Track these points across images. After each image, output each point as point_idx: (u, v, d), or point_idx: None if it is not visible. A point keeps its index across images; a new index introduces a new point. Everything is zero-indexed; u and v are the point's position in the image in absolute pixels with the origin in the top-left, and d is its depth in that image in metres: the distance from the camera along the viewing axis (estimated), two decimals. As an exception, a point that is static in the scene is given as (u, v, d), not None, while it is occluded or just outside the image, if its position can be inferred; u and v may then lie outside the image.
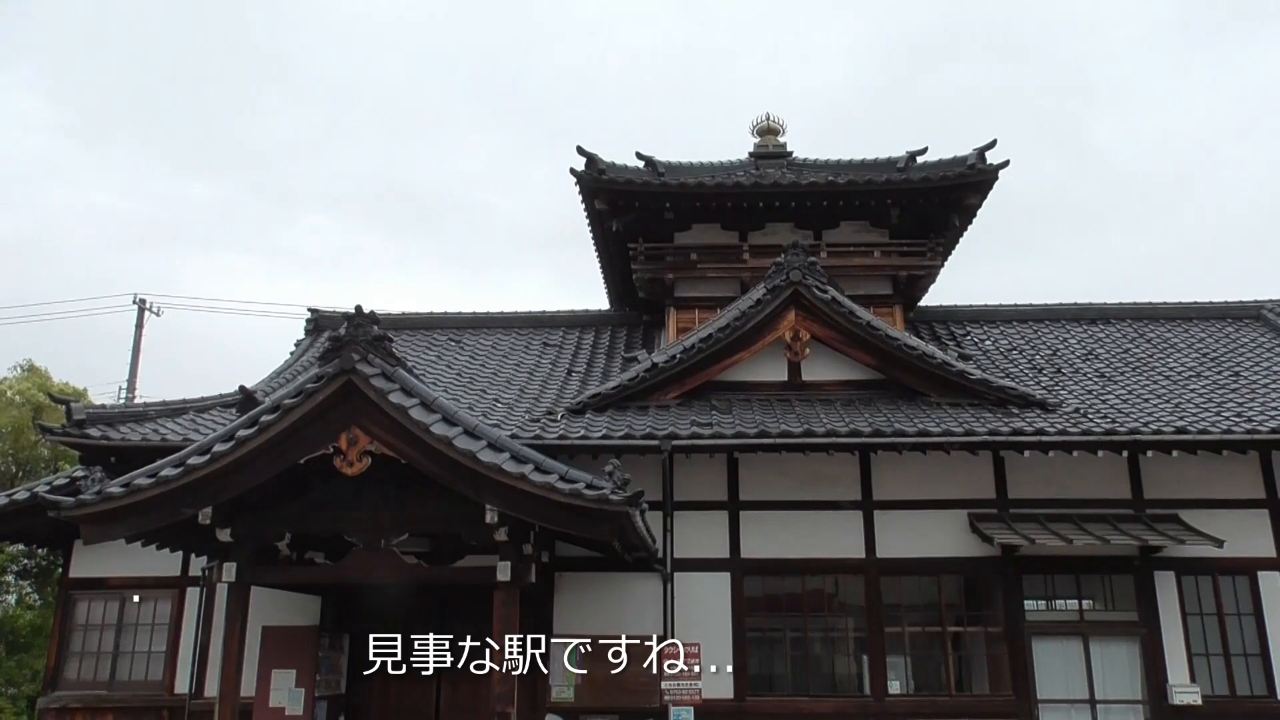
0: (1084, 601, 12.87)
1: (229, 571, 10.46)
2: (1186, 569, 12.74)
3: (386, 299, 55.42)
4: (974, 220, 16.73)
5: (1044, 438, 12.21)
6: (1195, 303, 18.19)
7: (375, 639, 13.03)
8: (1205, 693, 12.27)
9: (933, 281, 17.13)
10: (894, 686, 12.59)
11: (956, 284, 54.42)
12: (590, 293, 58.60)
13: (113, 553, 13.01)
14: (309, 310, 18.42)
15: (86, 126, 64.98)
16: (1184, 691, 12.21)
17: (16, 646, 20.76)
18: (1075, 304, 18.34)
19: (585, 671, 12.64)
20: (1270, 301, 17.97)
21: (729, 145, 17.61)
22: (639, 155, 16.66)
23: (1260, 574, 12.77)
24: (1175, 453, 12.37)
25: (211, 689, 11.95)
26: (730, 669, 12.52)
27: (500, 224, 67.76)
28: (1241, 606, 12.72)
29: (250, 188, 67.47)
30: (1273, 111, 57.95)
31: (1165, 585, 12.71)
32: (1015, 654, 12.52)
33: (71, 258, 58.81)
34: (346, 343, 10.05)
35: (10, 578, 23.60)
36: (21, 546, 20.52)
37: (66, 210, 59.98)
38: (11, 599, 24.21)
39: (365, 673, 12.91)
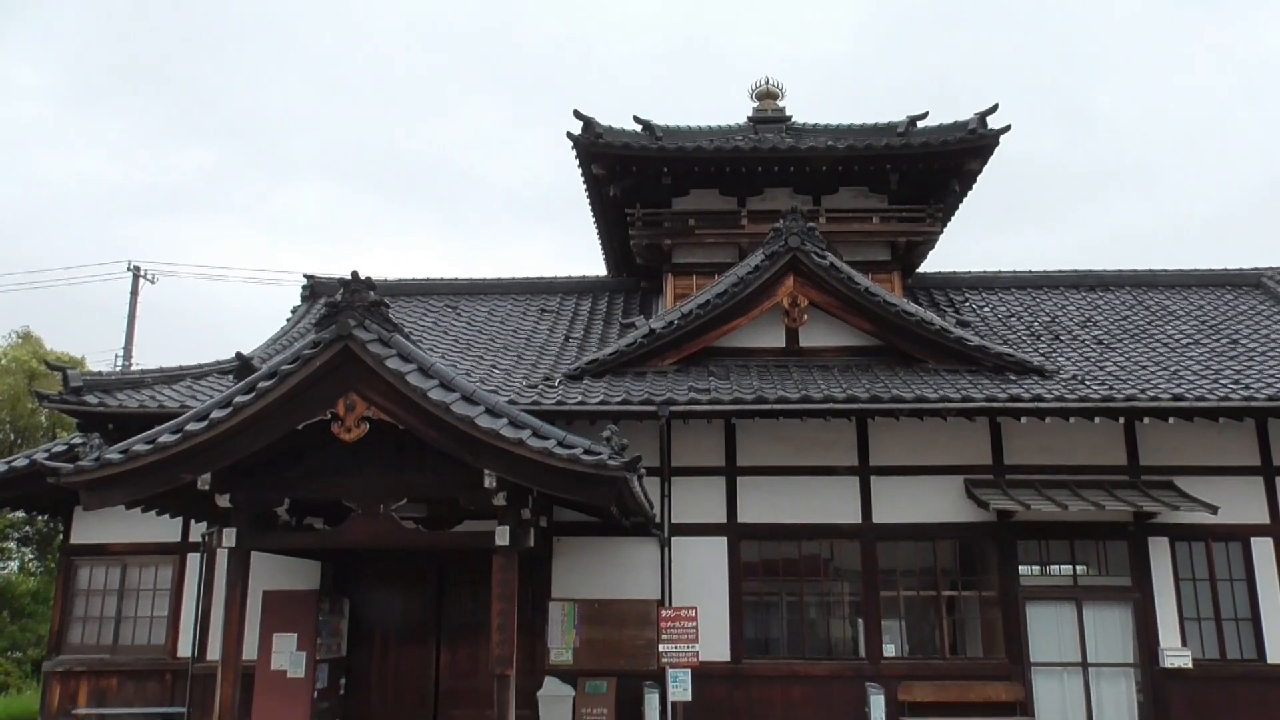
0: (1078, 567, 12.97)
1: (229, 537, 10.51)
2: (1180, 535, 12.84)
3: (383, 265, 55.31)
4: (974, 186, 16.66)
5: (1041, 404, 12.24)
6: (1195, 270, 18.16)
7: (375, 603, 13.27)
8: (1196, 656, 12.42)
9: (932, 248, 17.08)
10: (889, 650, 12.73)
11: (955, 251, 54.37)
12: (588, 259, 58.55)
13: (113, 519, 13.10)
14: (305, 277, 18.36)
15: (75, 92, 64.48)
16: (1175, 655, 12.35)
17: (20, 612, 20.97)
18: (1074, 271, 18.31)
19: (583, 635, 12.77)
20: (1271, 269, 17.94)
21: (728, 113, 17.52)
22: (637, 120, 16.53)
23: (1253, 540, 12.86)
24: (1172, 420, 12.42)
25: (214, 653, 12.07)
26: (727, 633, 12.67)
27: (498, 191, 67.44)
28: (1234, 572, 12.84)
29: (244, 155, 67.08)
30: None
31: (1159, 551, 12.81)
32: (1009, 618, 12.65)
33: (63, 225, 58.65)
34: (343, 308, 10.02)
35: (11, 544, 23.78)
36: (22, 513, 20.65)
37: (57, 177, 59.67)
38: (13, 565, 24.41)
39: (365, 636, 13.12)
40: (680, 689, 11.14)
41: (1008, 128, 15.60)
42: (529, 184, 65.66)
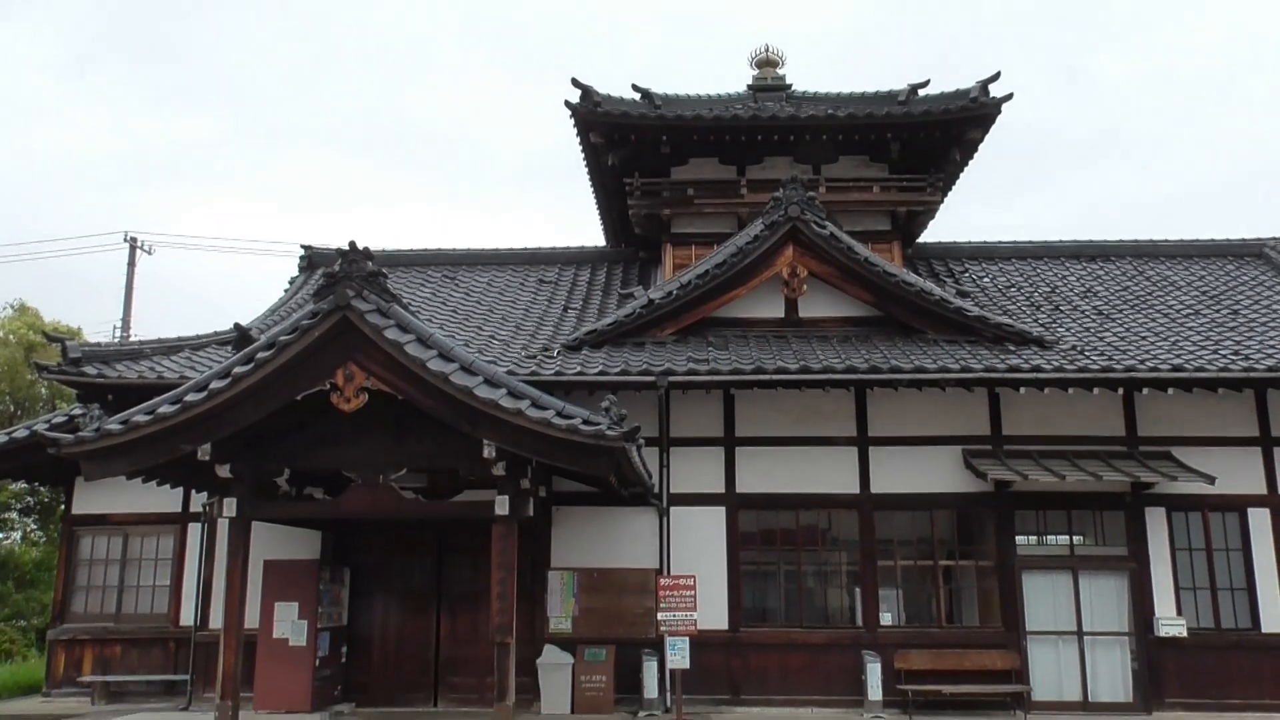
0: (1075, 537, 13.03)
1: (229, 507, 10.56)
2: (1177, 505, 12.89)
3: (380, 236, 55.14)
4: (975, 155, 16.54)
5: (1040, 375, 12.24)
6: (1196, 240, 18.09)
7: (375, 572, 13.35)
8: (1191, 625, 12.51)
9: (932, 217, 17.00)
10: (886, 618, 12.83)
11: (955, 222, 54.18)
12: (586, 230, 58.31)
13: (114, 489, 13.14)
14: (302, 247, 18.31)
15: (67, 62, 63.87)
16: (1170, 624, 12.45)
17: (23, 581, 21.11)
18: (1075, 241, 18.24)
19: (583, 603, 12.87)
20: (1273, 239, 17.86)
21: (727, 82, 17.32)
22: (635, 88, 16.39)
23: (1250, 510, 12.92)
24: (1171, 391, 12.43)
25: (216, 621, 12.15)
26: (725, 601, 12.76)
27: (495, 162, 67.07)
28: (1230, 542, 12.90)
29: (241, 123, 66.60)
30: (1284, 45, 56.95)
31: (1156, 521, 12.87)
32: (1005, 587, 12.73)
33: (57, 196, 58.33)
34: (341, 279, 10.00)
35: (14, 515, 23.90)
36: (23, 484, 20.74)
37: (49, 148, 59.28)
38: (16, 536, 24.54)
39: (366, 605, 13.22)
40: (679, 656, 11.24)
41: (1009, 96, 15.47)
42: (529, 153, 65.35)
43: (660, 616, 11.46)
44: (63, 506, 15.07)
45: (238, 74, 65.70)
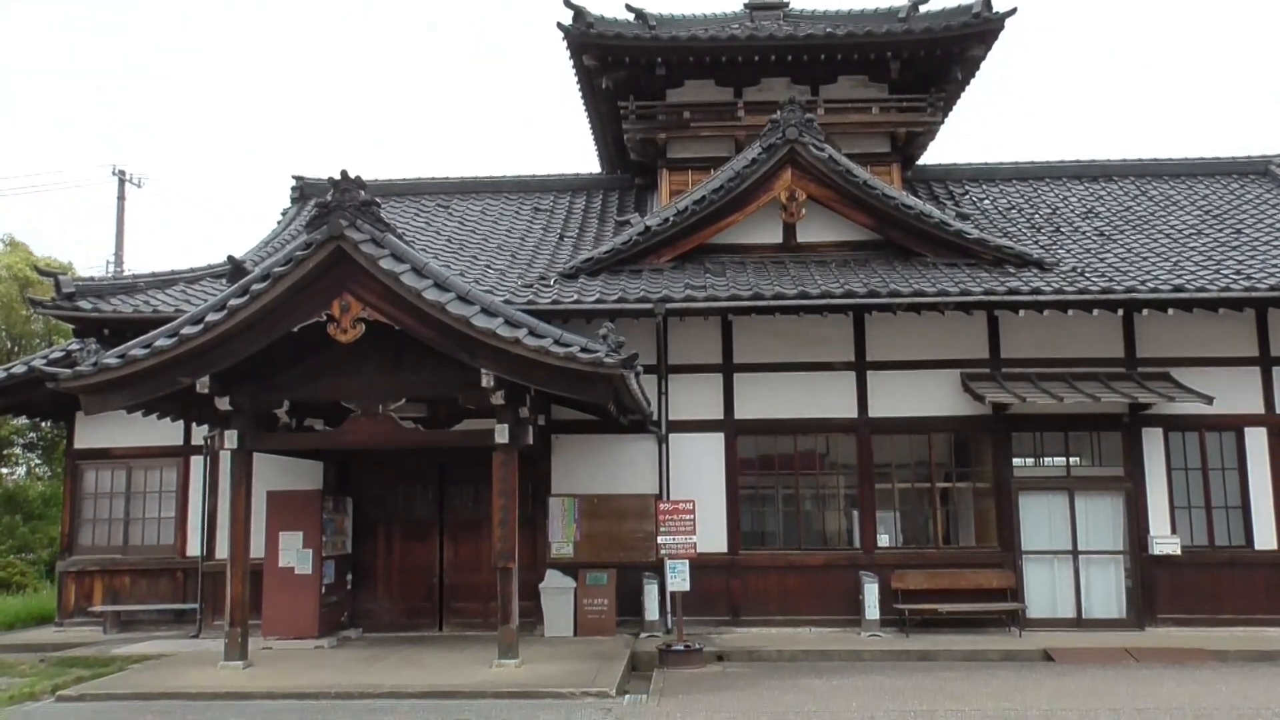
0: (1072, 458, 13.12)
1: (230, 439, 10.62)
2: (1175, 426, 12.95)
3: (372, 166, 54.43)
4: (977, 73, 16.21)
5: (1039, 297, 12.18)
6: (1200, 158, 17.85)
7: (378, 501, 13.49)
8: (1185, 543, 12.68)
9: (932, 139, 16.74)
10: (883, 540, 13.00)
11: (954, 140, 53.46)
12: (581, 157, 57.48)
13: (116, 424, 13.20)
14: (294, 178, 18.05)
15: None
16: (1164, 542, 12.61)
17: (30, 515, 21.34)
18: (1077, 161, 17.99)
19: (584, 529, 13.03)
20: (1279, 156, 17.62)
21: (723, 1, 16.75)
22: (629, 8, 16.01)
23: (1247, 430, 12.98)
24: (1171, 311, 12.38)
25: (222, 552, 12.30)
26: (724, 525, 12.92)
27: (489, 86, 65.88)
28: (1226, 461, 12.99)
29: (228, 43, 65.20)
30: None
31: (1152, 441, 12.95)
32: (1002, 508, 12.87)
33: (30, 116, 57.11)
34: (334, 208, 9.89)
35: (17, 450, 24.07)
36: (25, 420, 20.82)
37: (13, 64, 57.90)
38: (21, 471, 24.76)
39: (369, 533, 13.38)
40: (679, 579, 11.40)
41: (1013, 11, 15.10)
42: (520, 78, 64.15)
43: (660, 540, 11.60)
44: (65, 442, 15.14)
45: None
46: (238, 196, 57.41)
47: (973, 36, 15.34)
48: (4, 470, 24.18)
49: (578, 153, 59.69)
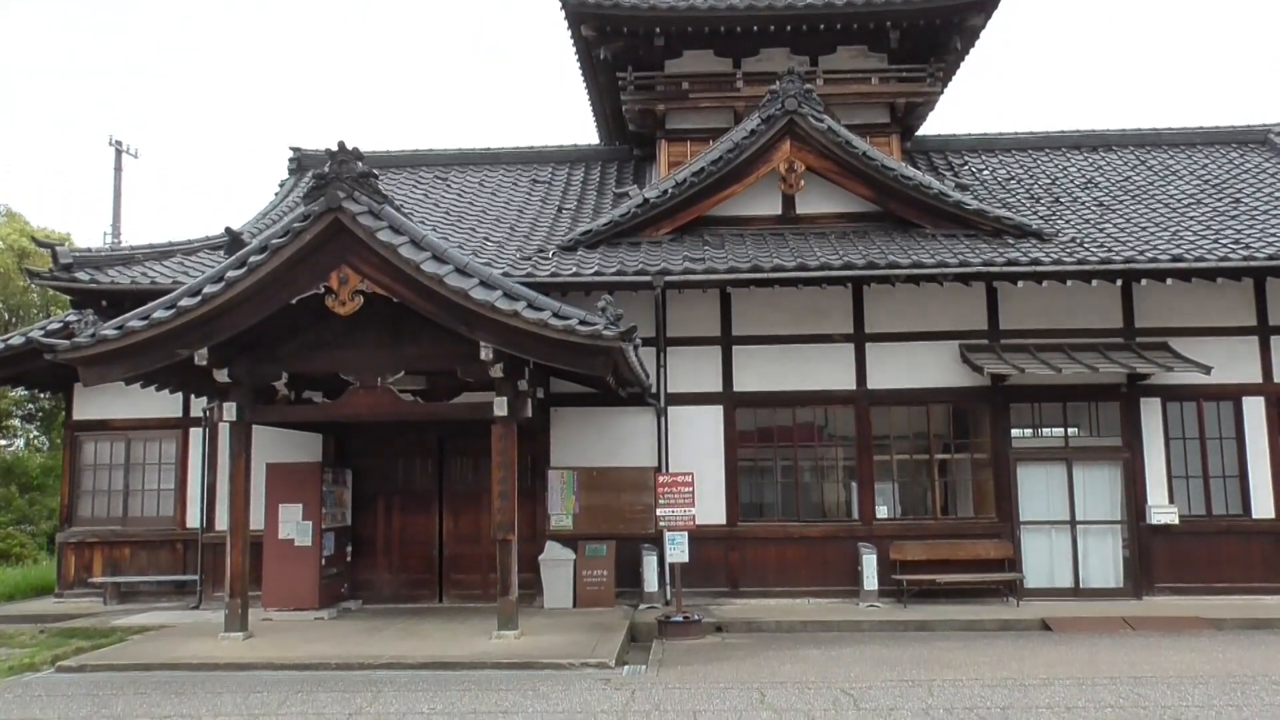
0: (1070, 428, 13.15)
1: (229, 411, 10.62)
2: (1173, 395, 12.97)
3: (370, 139, 54.06)
4: (977, 43, 16.07)
5: (1038, 268, 12.14)
6: (1200, 128, 17.75)
7: (377, 473, 13.52)
8: (1183, 513, 12.74)
9: (932, 109, 16.62)
10: (882, 511, 13.05)
11: (956, 109, 53.09)
12: (579, 127, 57.09)
13: (115, 396, 13.21)
14: (291, 149, 17.92)
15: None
16: (1162, 512, 12.67)
17: (29, 487, 21.38)
18: (1076, 131, 17.89)
19: (583, 501, 13.07)
20: (1279, 125, 17.53)
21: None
22: (627, -23, 15.78)
23: (1245, 399, 13.01)
24: (1169, 281, 12.36)
25: (222, 523, 12.34)
26: (723, 497, 12.96)
27: (486, 57, 65.29)
28: (1224, 430, 13.03)
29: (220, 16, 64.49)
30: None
31: (1150, 411, 12.98)
32: (1000, 479, 12.91)
33: (30, 94, 56.73)
34: (331, 180, 9.83)
35: (16, 421, 24.07)
36: (23, 391, 20.81)
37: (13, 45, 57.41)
38: (20, 442, 24.77)
39: (369, 505, 13.42)
40: (678, 551, 11.45)
41: (1015, -21, 14.95)
42: (517, 49, 63.55)
43: (659, 512, 11.64)
44: (64, 413, 15.14)
45: (215, -31, 63.25)
46: (235, 169, 57.04)
47: (972, 5, 15.17)
48: (3, 442, 24.20)
49: (576, 127, 59.29)
